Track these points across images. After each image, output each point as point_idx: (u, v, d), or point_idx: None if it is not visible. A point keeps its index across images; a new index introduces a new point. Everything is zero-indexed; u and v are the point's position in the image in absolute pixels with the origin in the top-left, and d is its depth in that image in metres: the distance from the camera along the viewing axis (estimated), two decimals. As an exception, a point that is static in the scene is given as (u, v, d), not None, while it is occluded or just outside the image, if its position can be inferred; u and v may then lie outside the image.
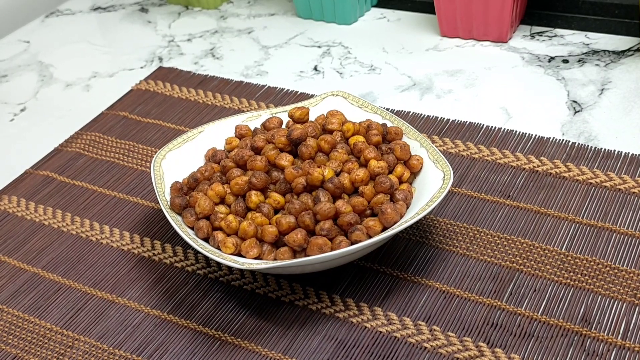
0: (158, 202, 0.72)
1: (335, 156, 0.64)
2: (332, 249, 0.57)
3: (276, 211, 0.61)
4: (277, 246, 0.59)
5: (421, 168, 0.65)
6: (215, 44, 0.99)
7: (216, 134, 0.71)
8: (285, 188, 0.61)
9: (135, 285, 0.64)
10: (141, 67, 0.96)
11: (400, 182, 0.64)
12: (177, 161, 0.68)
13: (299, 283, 0.62)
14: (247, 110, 0.84)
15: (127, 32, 1.04)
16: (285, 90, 0.87)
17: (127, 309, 0.62)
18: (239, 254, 0.58)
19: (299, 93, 0.86)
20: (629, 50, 0.87)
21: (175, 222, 0.60)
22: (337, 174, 0.63)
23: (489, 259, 0.63)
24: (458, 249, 0.64)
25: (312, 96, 0.84)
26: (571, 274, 0.60)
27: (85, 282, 0.65)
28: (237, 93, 0.87)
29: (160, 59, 0.97)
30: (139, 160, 0.79)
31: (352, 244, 0.57)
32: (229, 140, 0.70)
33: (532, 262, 0.62)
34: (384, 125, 0.69)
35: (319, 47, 0.95)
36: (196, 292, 0.63)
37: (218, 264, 0.65)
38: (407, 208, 0.61)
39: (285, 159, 0.63)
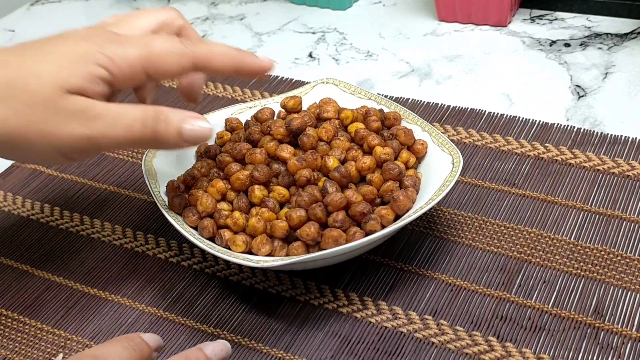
0: (151, 196, 0.70)
1: (338, 144, 0.62)
2: (347, 241, 0.55)
3: (281, 205, 0.59)
4: (288, 241, 0.56)
5: (425, 152, 0.63)
6: (206, 31, 0.96)
7: (207, 127, 0.68)
8: (289, 180, 0.59)
9: (129, 281, 0.62)
10: (130, 56, 0.93)
11: (407, 168, 0.61)
12: (168, 159, 0.65)
13: (299, 277, 0.60)
14: (241, 99, 0.81)
15: (115, 20, 1.01)
16: (279, 77, 0.84)
17: (122, 306, 0.60)
18: (250, 252, 0.56)
19: (293, 80, 0.83)
20: (632, 32, 0.85)
21: (177, 222, 0.57)
22: (342, 163, 0.60)
23: (495, 250, 0.60)
24: (463, 239, 0.62)
25: (303, 84, 0.82)
26: (581, 264, 0.58)
27: (77, 279, 0.63)
28: (230, 81, 0.85)
29: (150, 47, 0.94)
30: (131, 152, 0.76)
31: (367, 234, 0.55)
32: (220, 135, 0.67)
33: (541, 253, 0.60)
34: (381, 110, 0.66)
35: (313, 33, 0.93)
36: (193, 287, 0.61)
37: (216, 258, 0.62)
38: (417, 194, 0.59)
39: (287, 151, 0.61)
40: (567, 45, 0.84)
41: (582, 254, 0.59)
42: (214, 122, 0.68)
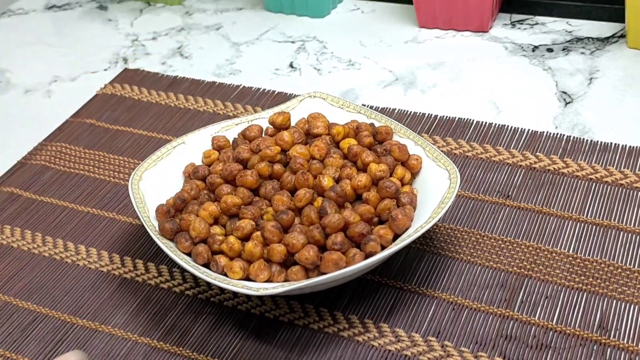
0: (137, 218, 0.67)
1: (331, 162, 0.60)
2: (347, 263, 0.53)
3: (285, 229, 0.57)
4: (286, 265, 0.55)
5: (420, 168, 0.61)
6: (182, 42, 0.94)
7: (192, 148, 0.66)
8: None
9: (120, 310, 0.60)
10: (105, 70, 0.90)
11: (402, 184, 0.60)
12: (155, 180, 0.63)
13: (297, 300, 0.58)
14: (223, 113, 0.79)
15: (86, 32, 0.99)
16: (261, 90, 0.82)
17: (113, 337, 0.58)
18: (247, 278, 0.54)
19: (276, 92, 0.82)
20: (612, 36, 0.85)
21: (170, 249, 0.55)
22: (336, 181, 0.59)
23: (494, 265, 0.60)
24: (461, 255, 0.61)
25: (290, 96, 0.80)
26: (582, 277, 0.58)
27: (64, 310, 0.60)
28: (210, 95, 0.83)
29: (125, 60, 0.91)
30: (112, 172, 0.73)
31: (367, 255, 0.54)
32: (207, 154, 0.65)
33: (541, 267, 0.59)
34: (372, 124, 0.65)
35: (292, 42, 0.91)
36: (187, 315, 0.59)
37: (209, 283, 0.60)
38: (414, 211, 0.58)
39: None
40: (550, 50, 0.84)
41: (581, 267, 0.59)
42: (199, 141, 0.66)
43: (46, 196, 0.72)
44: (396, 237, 0.56)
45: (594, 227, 0.62)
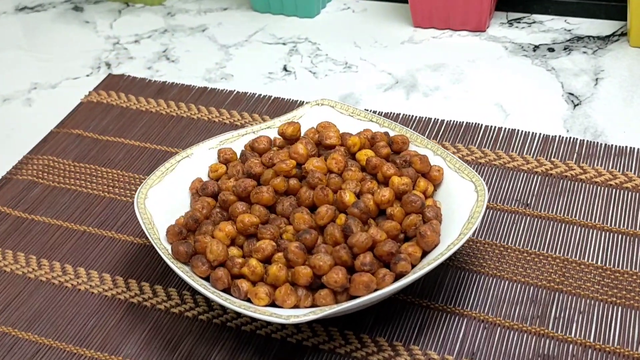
0: (138, 237, 0.64)
1: (350, 176, 0.57)
2: (377, 285, 0.50)
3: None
4: (312, 288, 0.52)
5: (442, 179, 0.59)
6: (167, 44, 0.90)
7: (197, 161, 0.62)
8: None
9: (130, 338, 0.56)
10: (87, 75, 0.85)
11: (425, 198, 0.57)
12: (161, 198, 0.59)
13: (319, 323, 0.55)
14: (219, 121, 0.76)
15: (62, 35, 0.94)
16: (256, 95, 0.79)
17: (125, 369, 0.54)
18: (272, 303, 0.51)
19: (272, 98, 0.78)
20: (613, 35, 0.83)
21: (186, 274, 0.52)
22: (357, 196, 0.56)
23: (522, 280, 0.57)
24: (487, 269, 0.58)
25: (287, 102, 0.77)
26: (614, 290, 0.56)
27: (68, 340, 0.56)
28: (202, 101, 0.79)
29: (108, 65, 0.87)
30: (106, 187, 0.69)
31: (398, 275, 0.51)
32: (213, 168, 0.61)
33: (570, 280, 0.57)
34: (386, 134, 0.62)
35: (284, 44, 0.88)
36: (203, 342, 0.55)
37: (224, 307, 0.57)
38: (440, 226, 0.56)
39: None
40: (551, 50, 0.82)
41: (612, 279, 0.57)
42: (204, 154, 0.63)
43: (37, 214, 0.67)
44: (425, 254, 0.54)
45: (620, 236, 0.60)
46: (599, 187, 0.64)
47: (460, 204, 0.56)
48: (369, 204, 0.55)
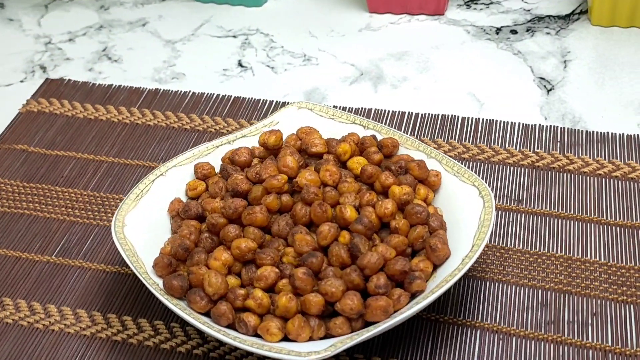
0: (110, 264, 0.58)
1: (347, 188, 0.53)
2: (394, 307, 0.47)
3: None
4: (323, 316, 0.48)
5: (440, 184, 0.56)
6: (106, 42, 0.83)
7: (172, 179, 0.57)
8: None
9: (120, 383, 0.51)
10: (21, 81, 0.78)
11: (427, 206, 0.54)
12: (140, 224, 0.53)
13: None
14: (178, 127, 0.70)
15: (-15, 36, 0.85)
16: (214, 95, 0.73)
17: (120, 418, 0.49)
18: (285, 338, 0.47)
19: (232, 98, 0.73)
20: (573, 14, 0.82)
21: (185, 312, 0.47)
22: (357, 210, 0.52)
23: (528, 283, 0.55)
24: (490, 274, 0.56)
25: (249, 101, 0.72)
26: (623, 288, 0.54)
27: (50, 391, 0.51)
28: (157, 105, 0.73)
29: (44, 68, 0.79)
30: (64, 208, 0.63)
31: (413, 295, 0.48)
32: (192, 186, 0.56)
33: (578, 280, 0.55)
34: (374, 137, 0.59)
35: (234, 36, 0.82)
36: (203, 380, 0.51)
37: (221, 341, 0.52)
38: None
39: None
40: (514, 32, 0.80)
41: (619, 275, 0.55)
42: (178, 170, 0.58)
43: (-10, 246, 0.61)
44: (435, 268, 0.51)
45: (618, 229, 0.58)
46: (588, 178, 0.63)
47: (465, 211, 0.53)
48: (372, 218, 0.51)
